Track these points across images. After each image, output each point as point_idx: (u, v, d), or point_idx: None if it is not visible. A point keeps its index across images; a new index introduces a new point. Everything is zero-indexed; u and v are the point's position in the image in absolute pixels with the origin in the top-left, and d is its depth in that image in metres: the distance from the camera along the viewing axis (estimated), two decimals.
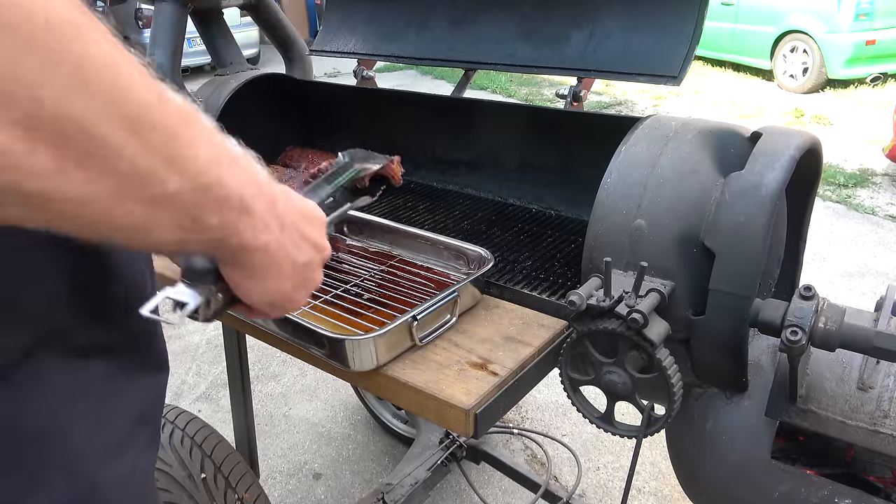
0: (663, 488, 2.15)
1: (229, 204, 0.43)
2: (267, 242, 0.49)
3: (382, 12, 1.61)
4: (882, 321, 0.80)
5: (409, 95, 1.59)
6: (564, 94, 1.33)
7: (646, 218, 0.86)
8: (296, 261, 0.53)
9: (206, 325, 3.17)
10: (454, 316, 0.92)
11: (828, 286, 3.38)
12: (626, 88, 7.78)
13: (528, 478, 1.86)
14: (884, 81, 7.32)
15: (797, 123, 6.27)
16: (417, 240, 1.08)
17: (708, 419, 0.91)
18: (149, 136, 0.37)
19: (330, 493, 2.21)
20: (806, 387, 0.85)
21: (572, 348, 0.88)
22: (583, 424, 2.44)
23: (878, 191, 4.67)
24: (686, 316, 0.84)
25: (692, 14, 1.12)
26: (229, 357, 1.79)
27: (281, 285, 0.53)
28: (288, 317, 0.87)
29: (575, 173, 1.33)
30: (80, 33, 0.33)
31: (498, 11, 1.41)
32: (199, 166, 0.41)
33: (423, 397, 0.81)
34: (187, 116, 0.40)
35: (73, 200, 0.35)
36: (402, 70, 9.13)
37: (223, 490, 1.34)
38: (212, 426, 1.47)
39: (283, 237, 0.50)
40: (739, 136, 0.90)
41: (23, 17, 0.31)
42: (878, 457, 0.88)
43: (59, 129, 0.33)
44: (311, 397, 2.68)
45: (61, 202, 0.35)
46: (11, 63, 0.30)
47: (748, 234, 0.77)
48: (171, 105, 0.39)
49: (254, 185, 0.46)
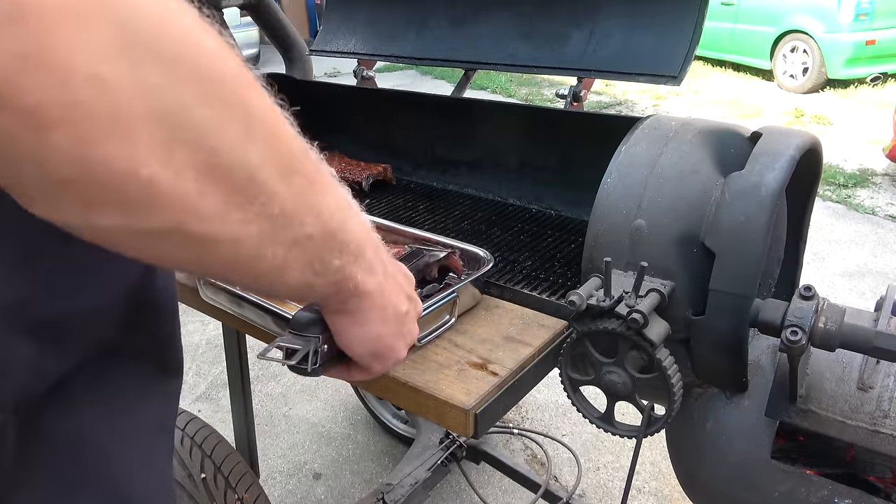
0: (663, 488, 2.15)
1: (349, 248, 0.46)
2: (374, 286, 0.51)
3: (382, 12, 1.61)
4: (882, 321, 0.80)
5: (409, 95, 1.59)
6: (564, 94, 1.33)
7: (646, 218, 0.86)
8: (397, 308, 0.55)
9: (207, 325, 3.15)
10: (453, 317, 0.92)
11: (828, 286, 3.38)
12: (626, 88, 7.78)
13: (528, 478, 1.86)
14: (884, 81, 7.32)
15: (797, 123, 6.27)
16: (417, 240, 1.08)
17: (708, 419, 0.91)
18: (294, 182, 0.39)
19: (330, 493, 2.21)
20: (806, 387, 0.85)
21: (572, 348, 0.88)
22: (583, 424, 2.44)
23: (878, 191, 4.67)
24: (686, 316, 0.84)
25: (692, 14, 1.12)
26: (229, 357, 1.79)
27: (382, 331, 0.55)
28: (286, 316, 0.87)
29: (575, 173, 1.33)
30: (248, 83, 0.36)
31: (498, 11, 1.41)
32: (330, 212, 0.43)
33: (423, 397, 0.81)
34: (318, 164, 0.43)
35: (229, 242, 0.36)
36: (402, 70, 9.13)
37: (223, 490, 1.34)
38: (212, 426, 1.47)
39: (386, 283, 0.53)
40: (739, 136, 0.90)
41: (211, 69, 0.33)
42: (878, 457, 0.88)
43: (230, 174, 0.35)
44: (311, 397, 2.68)
45: (219, 244, 0.36)
46: (200, 115, 0.32)
47: (748, 234, 0.77)
48: (310, 153, 0.42)
49: (365, 232, 0.49)
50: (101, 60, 0.28)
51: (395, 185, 1.54)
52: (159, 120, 0.31)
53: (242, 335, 1.75)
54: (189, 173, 0.33)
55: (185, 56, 0.32)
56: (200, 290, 1.01)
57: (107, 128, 0.29)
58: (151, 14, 0.30)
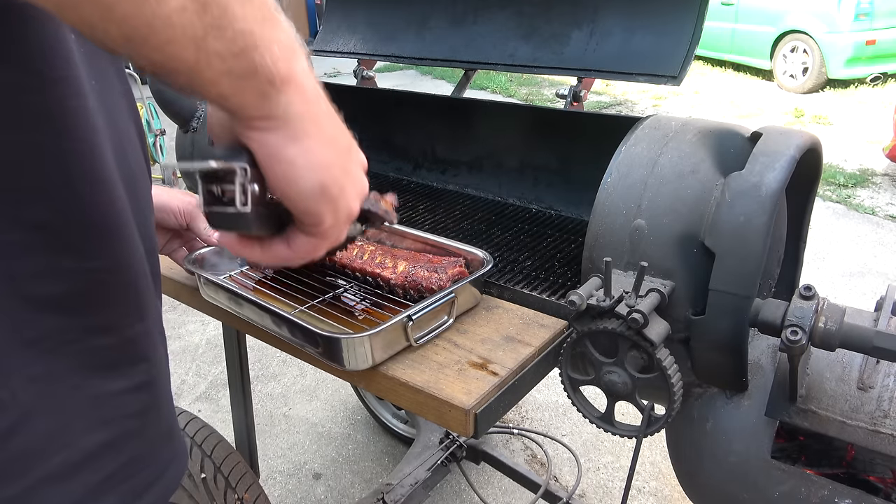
0: (663, 488, 2.15)
1: (269, 18, 0.39)
2: (303, 78, 0.42)
3: (382, 12, 1.61)
4: (882, 321, 0.80)
5: (409, 95, 1.59)
6: (564, 94, 1.33)
7: (646, 218, 0.86)
8: (337, 135, 0.46)
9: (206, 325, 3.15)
10: (451, 317, 0.92)
11: (828, 286, 3.38)
12: (626, 88, 7.78)
13: (528, 478, 1.86)
14: (884, 81, 7.32)
15: (797, 123, 6.27)
16: (417, 241, 1.08)
17: (708, 419, 0.91)
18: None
19: (330, 493, 2.21)
20: (806, 387, 0.85)
21: (572, 348, 0.88)
22: (583, 424, 2.44)
23: (878, 191, 4.67)
24: (686, 316, 0.84)
25: (692, 14, 1.12)
26: (229, 357, 1.79)
27: (327, 156, 0.44)
28: (285, 315, 0.87)
29: (575, 173, 1.33)
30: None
31: (498, 11, 1.41)
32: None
33: (423, 397, 0.81)
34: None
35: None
36: (402, 70, 9.13)
37: (223, 490, 1.34)
38: (212, 426, 1.47)
39: (320, 104, 0.44)
40: (739, 136, 0.90)
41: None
42: (878, 457, 0.88)
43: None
44: (311, 397, 2.68)
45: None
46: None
47: (748, 234, 0.77)
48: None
49: (292, 37, 0.42)
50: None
51: (395, 186, 1.54)
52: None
53: (242, 335, 1.75)
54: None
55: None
56: (201, 290, 1.01)
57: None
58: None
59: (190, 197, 0.98)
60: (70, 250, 0.45)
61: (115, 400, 0.50)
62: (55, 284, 0.45)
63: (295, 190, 0.44)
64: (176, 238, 1.01)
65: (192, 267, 1.00)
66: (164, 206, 0.93)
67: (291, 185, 0.44)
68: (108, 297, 0.49)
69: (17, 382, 0.44)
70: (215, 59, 0.37)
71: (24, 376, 0.44)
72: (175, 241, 1.02)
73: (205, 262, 1.03)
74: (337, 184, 0.46)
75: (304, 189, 0.44)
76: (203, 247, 1.03)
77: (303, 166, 0.43)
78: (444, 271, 0.95)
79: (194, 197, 0.99)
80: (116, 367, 0.51)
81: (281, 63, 0.40)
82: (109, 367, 0.50)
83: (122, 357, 0.51)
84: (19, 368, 0.44)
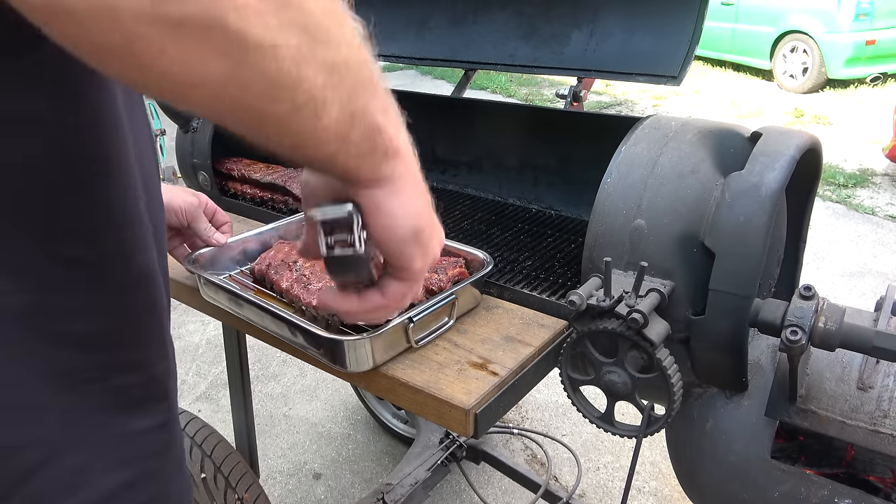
0: (663, 488, 2.15)
1: (378, 90, 0.44)
2: (404, 144, 0.48)
3: (382, 12, 1.61)
4: (882, 321, 0.80)
5: (409, 95, 1.59)
6: (564, 94, 1.33)
7: (646, 218, 0.86)
8: (424, 187, 0.51)
9: (207, 325, 3.14)
10: (452, 318, 0.92)
11: (828, 286, 3.38)
12: (626, 88, 7.78)
13: (528, 478, 1.86)
14: (884, 81, 7.32)
15: (797, 123, 6.27)
16: None
17: (708, 419, 0.91)
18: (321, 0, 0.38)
19: (330, 493, 2.21)
20: (806, 387, 0.85)
21: (572, 348, 0.88)
22: (583, 424, 2.44)
23: (878, 191, 4.67)
24: (686, 316, 0.84)
25: (692, 14, 1.12)
26: (229, 357, 1.79)
27: (421, 204, 0.50)
28: (285, 317, 0.87)
29: (575, 173, 1.33)
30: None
31: (498, 11, 1.41)
32: (357, 41, 0.42)
33: (423, 397, 0.81)
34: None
35: (267, 47, 0.35)
36: (402, 70, 9.13)
37: (223, 490, 1.34)
38: (212, 426, 1.47)
39: (414, 163, 0.50)
40: (739, 136, 0.90)
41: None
42: (878, 457, 0.88)
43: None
44: (311, 397, 2.68)
45: (256, 49, 0.35)
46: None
47: (748, 234, 0.77)
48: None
49: (386, 84, 0.47)
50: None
51: None
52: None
53: (242, 335, 1.75)
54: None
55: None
56: (201, 290, 1.01)
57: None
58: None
59: (191, 196, 0.98)
60: (108, 287, 0.48)
61: (138, 439, 0.51)
62: (88, 322, 0.47)
63: (394, 235, 0.50)
64: (177, 236, 1.01)
65: (192, 267, 1.00)
66: (166, 205, 0.93)
67: (390, 231, 0.50)
68: (139, 335, 0.51)
69: (51, 418, 0.45)
70: (352, 148, 0.44)
71: (56, 412, 0.45)
72: (176, 239, 1.02)
73: (205, 263, 1.03)
74: (427, 230, 0.52)
75: (401, 235, 0.50)
76: (203, 246, 1.03)
77: (401, 216, 0.49)
78: (444, 272, 0.95)
79: (197, 195, 0.99)
80: (142, 406, 0.51)
81: (394, 139, 0.47)
82: (135, 406, 0.51)
83: (147, 396, 0.52)
84: (53, 404, 0.44)
